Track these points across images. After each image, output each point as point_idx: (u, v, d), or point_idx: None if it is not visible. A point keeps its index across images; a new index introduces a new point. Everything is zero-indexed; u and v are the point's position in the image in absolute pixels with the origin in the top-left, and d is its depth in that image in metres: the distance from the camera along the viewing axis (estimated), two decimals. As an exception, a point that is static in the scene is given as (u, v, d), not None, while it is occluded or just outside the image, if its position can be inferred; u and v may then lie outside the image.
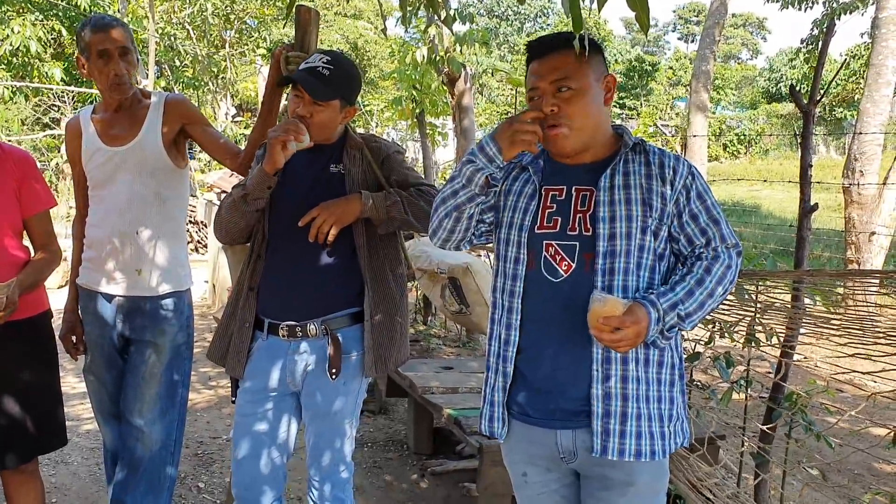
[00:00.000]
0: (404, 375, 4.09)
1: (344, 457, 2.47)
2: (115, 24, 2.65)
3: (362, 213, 2.32)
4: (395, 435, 4.59)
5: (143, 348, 2.75)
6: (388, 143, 2.58)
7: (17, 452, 2.51)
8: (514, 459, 2.04)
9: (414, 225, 2.38)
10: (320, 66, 2.32)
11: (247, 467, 2.44)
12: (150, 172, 2.73)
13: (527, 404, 1.94)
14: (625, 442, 1.82)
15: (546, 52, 1.89)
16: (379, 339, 2.42)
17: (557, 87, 1.86)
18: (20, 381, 2.51)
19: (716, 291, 1.82)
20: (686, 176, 1.87)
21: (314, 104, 2.32)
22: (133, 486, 2.76)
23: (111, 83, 2.64)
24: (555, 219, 1.91)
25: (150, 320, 2.74)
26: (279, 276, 2.41)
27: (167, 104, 2.77)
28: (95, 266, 2.74)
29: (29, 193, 2.56)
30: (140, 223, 2.71)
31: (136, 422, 2.74)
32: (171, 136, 2.77)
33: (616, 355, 1.83)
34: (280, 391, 2.43)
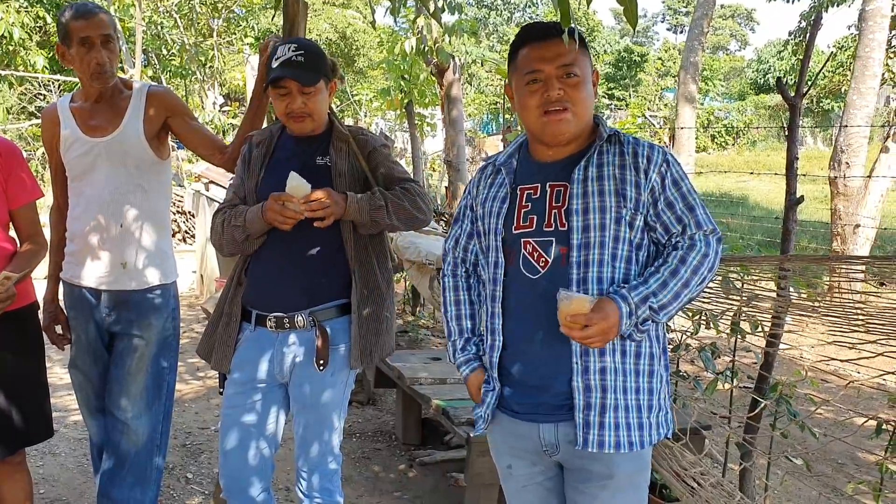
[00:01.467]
0: (392, 366, 4.10)
1: (332, 448, 2.48)
2: (98, 12, 2.62)
3: (346, 216, 2.32)
4: (384, 426, 4.61)
5: (129, 342, 2.75)
6: (374, 137, 2.58)
7: (4, 444, 2.50)
8: (499, 452, 2.07)
9: (397, 227, 2.41)
10: (294, 57, 2.33)
11: (234, 459, 2.44)
12: (133, 164, 2.71)
13: (512, 400, 1.96)
14: (604, 434, 1.83)
15: (550, 37, 1.87)
16: (365, 331, 2.43)
17: (565, 72, 1.85)
18: (6, 372, 2.49)
19: (692, 281, 1.80)
20: (661, 164, 1.86)
21: (303, 94, 2.33)
22: (120, 479, 2.77)
23: (93, 72, 2.61)
24: (531, 217, 1.91)
25: (135, 314, 2.73)
26: (267, 269, 2.42)
27: (150, 95, 2.75)
28: (78, 260, 2.72)
29: (15, 185, 2.54)
30: (123, 216, 2.69)
31: (122, 416, 2.74)
32: (155, 129, 2.74)
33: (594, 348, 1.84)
34: (268, 383, 2.43)
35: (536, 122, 1.88)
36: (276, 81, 2.33)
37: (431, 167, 13.05)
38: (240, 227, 2.36)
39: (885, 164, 8.27)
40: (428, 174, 13.25)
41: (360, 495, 3.67)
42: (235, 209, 2.41)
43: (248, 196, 2.46)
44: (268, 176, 2.43)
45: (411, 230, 2.47)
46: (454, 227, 2.18)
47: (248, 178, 2.49)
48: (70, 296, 2.79)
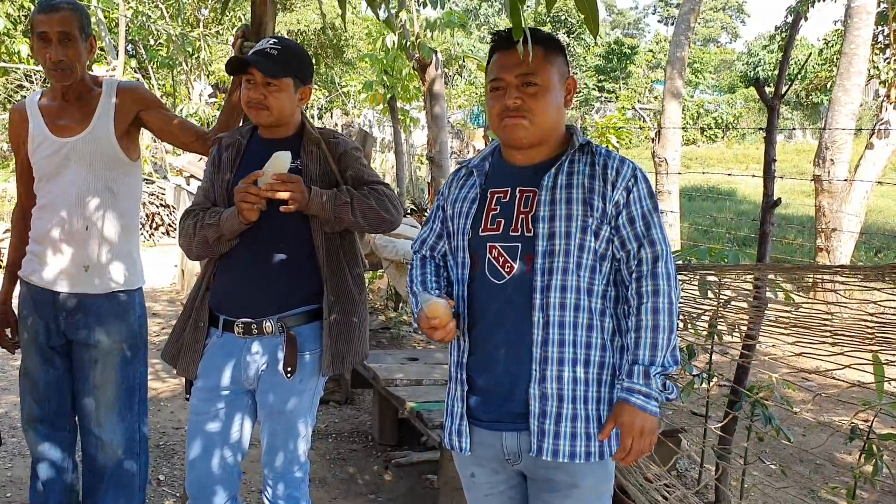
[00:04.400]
0: (368, 367, 4.07)
1: (298, 457, 2.44)
2: (63, 8, 2.55)
3: (309, 208, 2.27)
4: (361, 426, 4.57)
5: (90, 352, 2.69)
6: (346, 140, 2.54)
7: None
8: (462, 460, 2.05)
9: (363, 226, 2.36)
10: (268, 48, 2.32)
11: (200, 467, 2.41)
12: (102, 165, 2.65)
13: (475, 408, 1.95)
14: (559, 443, 1.83)
15: (514, 45, 1.85)
16: (337, 337, 2.39)
17: (523, 81, 1.87)
18: None
19: (670, 317, 1.82)
20: (629, 178, 1.87)
21: (267, 86, 2.30)
22: (102, 492, 2.76)
23: (48, 68, 2.56)
24: (498, 220, 1.92)
25: (97, 319, 2.68)
26: (236, 274, 2.38)
27: (120, 92, 2.70)
28: (41, 260, 2.67)
29: None
30: (90, 218, 2.64)
31: (95, 430, 2.72)
32: (125, 126, 2.69)
33: (553, 356, 1.84)
34: (234, 389, 2.39)
35: (497, 127, 1.93)
36: (246, 65, 2.31)
37: (419, 160, 13.00)
38: (213, 226, 2.32)
39: (870, 160, 8.26)
40: (416, 167, 13.20)
41: (333, 497, 3.65)
42: (210, 210, 2.38)
43: (219, 199, 2.42)
44: (238, 178, 2.39)
45: (379, 232, 2.42)
46: (423, 228, 2.18)
47: (217, 180, 2.45)
48: (26, 295, 2.73)
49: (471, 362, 1.94)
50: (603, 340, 1.87)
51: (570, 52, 38.93)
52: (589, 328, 1.86)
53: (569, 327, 1.84)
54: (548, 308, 1.84)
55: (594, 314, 1.86)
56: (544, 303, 1.84)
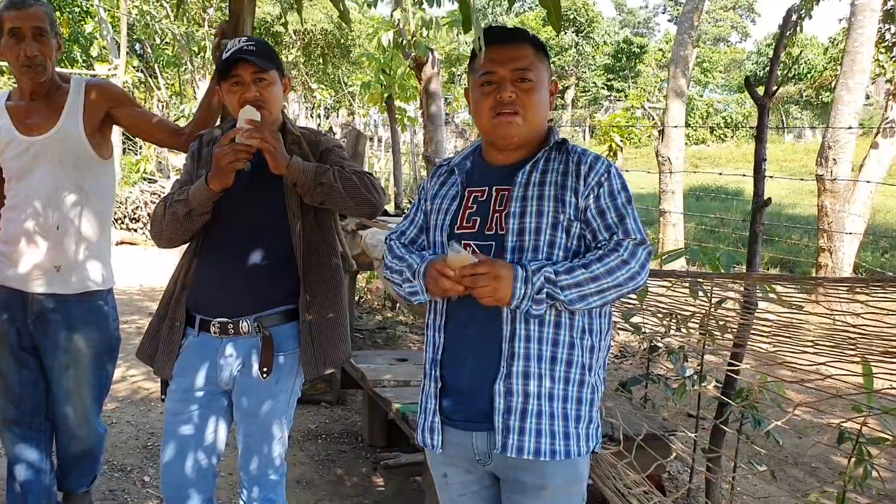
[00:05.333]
0: (357, 367, 4.04)
1: (273, 459, 2.41)
2: (34, 4, 2.55)
3: (289, 171, 2.22)
4: (352, 427, 4.54)
5: (62, 355, 2.70)
6: (328, 138, 2.52)
7: None
8: (435, 460, 2.04)
9: (343, 196, 2.25)
10: (245, 47, 2.28)
11: (174, 469, 2.38)
12: (72, 164, 2.63)
13: (448, 407, 1.93)
14: (523, 439, 1.81)
15: (509, 40, 1.88)
16: (316, 337, 2.37)
17: (519, 76, 1.86)
18: None
19: (602, 279, 1.75)
20: (601, 173, 1.86)
21: (259, 81, 2.27)
22: (74, 467, 2.94)
23: (22, 65, 2.54)
24: (474, 219, 1.92)
25: (68, 320, 2.67)
26: (213, 273, 2.35)
27: (88, 89, 2.68)
28: (12, 261, 2.65)
29: None
30: (61, 217, 2.62)
31: (69, 429, 2.80)
32: (95, 124, 2.67)
33: (520, 351, 1.81)
34: (209, 390, 2.37)
35: (488, 124, 1.89)
36: (228, 69, 2.27)
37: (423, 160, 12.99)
38: (182, 201, 2.28)
39: (875, 159, 8.18)
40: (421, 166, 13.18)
41: (319, 499, 3.62)
42: (179, 190, 2.36)
43: None
44: None
45: (361, 212, 2.36)
46: (403, 221, 2.14)
47: (196, 174, 2.42)
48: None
49: (444, 360, 1.92)
50: (571, 338, 1.84)
51: (579, 50, 38.87)
52: (557, 325, 1.83)
53: (538, 322, 1.82)
54: None
55: (563, 311, 1.83)
56: None
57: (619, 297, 1.81)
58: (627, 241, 1.78)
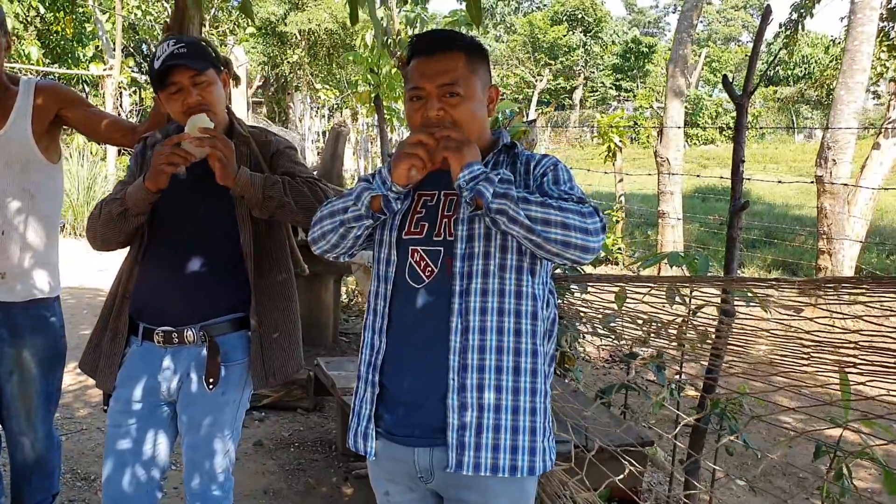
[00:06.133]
0: (328, 374, 3.95)
1: (216, 475, 2.31)
2: None
3: (237, 183, 2.12)
4: (326, 434, 4.44)
5: (7, 362, 2.62)
6: (279, 139, 2.43)
7: None
8: (376, 476, 1.95)
9: (293, 210, 2.17)
10: (175, 50, 2.15)
11: (114, 485, 2.28)
12: (19, 167, 2.55)
13: (388, 420, 1.84)
14: (480, 455, 1.72)
15: (435, 52, 1.80)
16: (266, 348, 2.28)
17: (447, 91, 1.78)
18: None
19: (552, 209, 1.62)
20: (547, 165, 1.82)
21: (196, 85, 2.16)
22: (25, 480, 2.82)
23: None
24: (422, 224, 1.84)
25: (12, 329, 2.59)
26: (156, 280, 2.26)
27: (37, 90, 2.60)
28: None
29: None
30: (7, 222, 2.54)
31: (17, 436, 2.73)
32: (44, 126, 2.59)
33: (473, 363, 1.72)
34: (150, 402, 2.27)
35: None
36: (164, 77, 2.14)
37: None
38: (117, 200, 2.19)
39: (877, 160, 8.02)
40: None
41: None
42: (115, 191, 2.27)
43: None
44: None
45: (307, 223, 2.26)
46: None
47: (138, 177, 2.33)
48: None
49: (384, 367, 1.83)
50: (534, 346, 1.77)
51: (587, 50, 38.73)
52: (517, 333, 1.75)
53: (491, 332, 1.73)
54: (467, 313, 1.74)
55: (523, 317, 1.76)
56: (463, 308, 1.74)
57: (562, 246, 1.63)
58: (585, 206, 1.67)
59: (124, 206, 2.18)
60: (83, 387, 5.01)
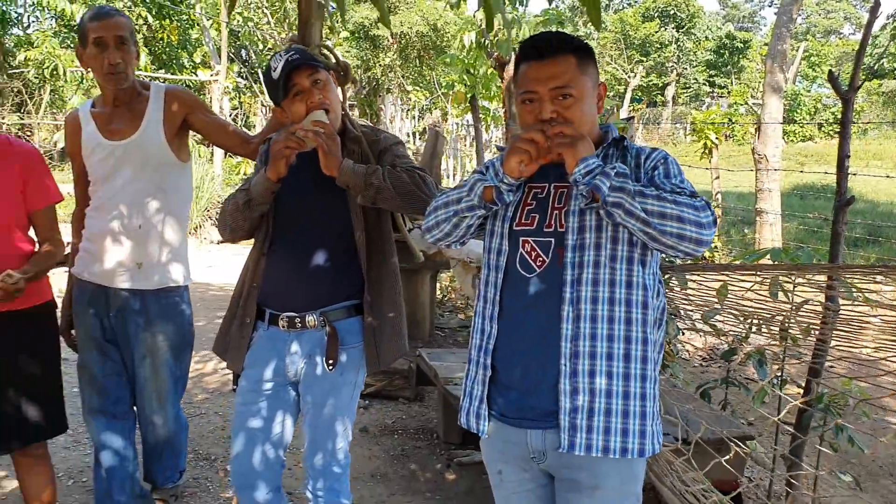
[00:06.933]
0: (430, 365, 4.09)
1: (336, 452, 2.47)
2: (115, 14, 2.70)
3: (340, 173, 2.27)
4: (428, 423, 4.59)
5: (141, 346, 2.85)
6: (388, 136, 2.57)
7: (19, 437, 2.63)
8: (490, 457, 2.05)
9: (393, 196, 2.30)
10: (289, 58, 2.31)
11: (242, 460, 2.48)
12: (153, 167, 2.78)
13: (501, 404, 1.94)
14: (591, 437, 1.80)
15: (545, 56, 1.87)
16: (377, 332, 2.44)
17: (559, 93, 1.85)
18: (21, 367, 2.60)
19: (665, 205, 1.69)
20: (657, 159, 1.87)
21: (315, 84, 2.32)
22: (156, 456, 3.10)
23: (106, 72, 2.68)
24: (533, 216, 1.92)
25: (146, 315, 2.82)
26: (281, 270, 2.44)
27: (167, 95, 2.81)
28: (94, 258, 2.81)
29: (35, 188, 2.63)
30: (141, 218, 2.77)
31: (149, 416, 2.97)
32: (174, 130, 2.81)
33: (584, 350, 1.81)
34: (277, 382, 2.46)
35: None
36: (285, 83, 2.30)
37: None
38: (243, 191, 2.40)
39: None
40: None
41: (392, 493, 3.68)
42: None
43: None
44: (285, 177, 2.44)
45: (414, 209, 2.38)
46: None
47: None
48: (80, 292, 2.88)
49: (495, 352, 1.93)
50: (644, 334, 1.84)
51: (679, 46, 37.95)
52: (628, 322, 1.83)
53: (602, 321, 1.82)
54: (578, 302, 1.82)
55: (634, 307, 1.83)
56: (574, 297, 1.83)
57: (677, 239, 1.70)
58: (698, 200, 1.74)
59: (249, 195, 2.38)
60: (200, 374, 5.32)
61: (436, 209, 2.02)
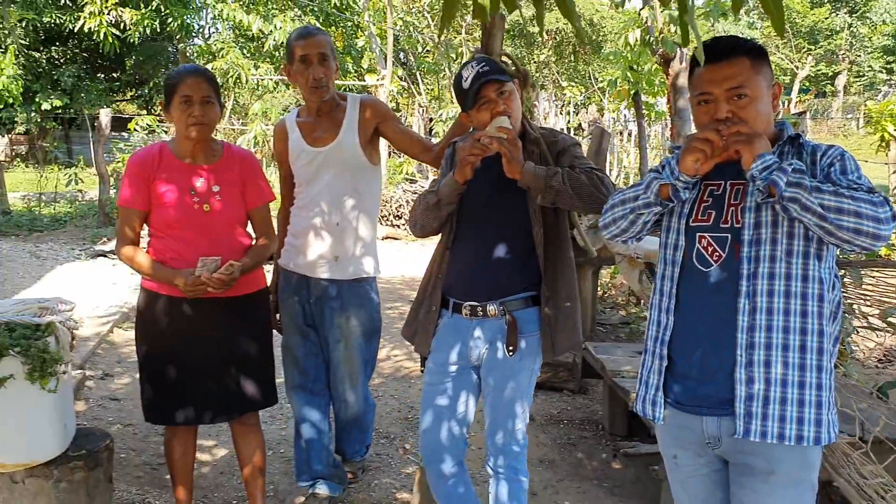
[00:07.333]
0: (597, 358, 4.20)
1: (515, 432, 2.66)
2: (317, 33, 3.02)
3: (522, 176, 2.43)
4: (592, 415, 4.71)
5: (335, 331, 3.17)
6: (565, 137, 2.71)
7: (239, 407, 2.97)
8: (665, 442, 2.17)
9: (572, 197, 2.43)
10: (480, 69, 2.48)
11: (430, 435, 2.72)
12: (350, 170, 3.09)
13: (677, 391, 2.05)
14: (767, 424, 1.89)
15: (721, 58, 1.94)
16: (553, 322, 2.60)
17: (735, 94, 1.93)
18: (239, 346, 2.93)
19: (842, 201, 1.73)
20: (833, 156, 1.91)
21: (501, 94, 2.48)
22: (346, 434, 3.45)
23: (311, 87, 3.00)
24: (709, 212, 2.01)
25: (341, 302, 3.14)
26: (464, 263, 2.65)
27: (362, 105, 3.10)
28: (298, 251, 3.16)
29: (253, 189, 2.95)
30: (339, 215, 3.09)
31: (341, 395, 3.30)
32: (367, 136, 3.10)
33: (760, 341, 1.89)
34: (461, 365, 2.68)
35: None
36: (477, 97, 2.48)
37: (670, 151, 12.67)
38: (432, 193, 2.62)
39: None
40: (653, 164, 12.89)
41: (560, 479, 3.83)
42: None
43: None
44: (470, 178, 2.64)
45: (591, 209, 2.50)
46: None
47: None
48: (285, 281, 3.25)
49: (671, 343, 2.04)
50: (820, 326, 1.90)
51: (852, 32, 35.65)
52: (803, 314, 1.89)
53: (778, 314, 1.89)
54: (754, 295, 1.91)
55: (809, 299, 1.89)
56: (750, 290, 1.91)
57: (853, 233, 1.74)
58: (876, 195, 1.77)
59: (438, 197, 2.60)
60: (374, 360, 5.67)
61: (612, 207, 2.14)
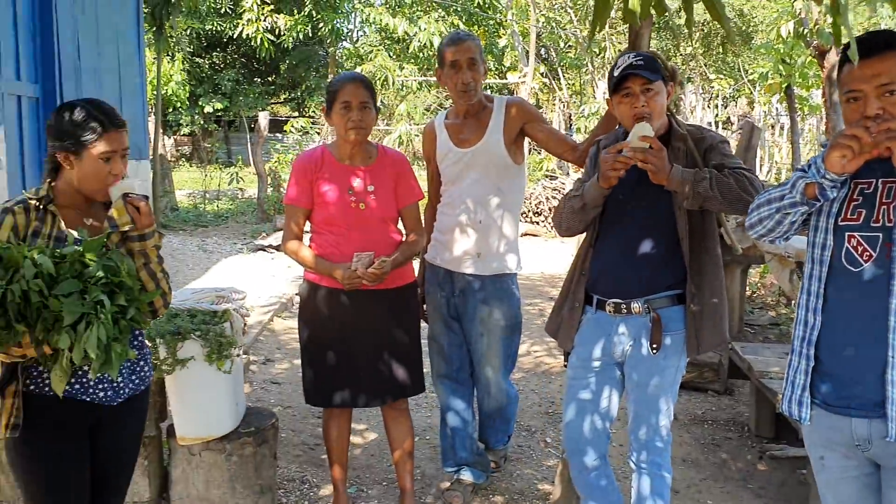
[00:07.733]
0: (744, 358, 4.13)
1: (660, 428, 2.69)
2: (466, 39, 3.14)
3: (669, 182, 2.43)
4: (738, 416, 4.62)
5: (478, 324, 3.29)
6: (713, 135, 2.69)
7: (391, 393, 3.15)
8: (812, 443, 2.13)
9: (720, 202, 2.42)
10: (633, 62, 2.50)
11: (573, 428, 2.77)
12: (495, 170, 3.20)
13: (825, 392, 2.02)
14: None
15: (872, 54, 1.89)
16: (698, 322, 2.60)
17: (885, 90, 1.88)
18: (392, 336, 3.10)
19: None
20: None
21: (646, 92, 2.49)
22: (490, 425, 3.56)
23: (459, 90, 3.14)
24: (859, 211, 1.97)
25: (482, 296, 3.26)
26: (607, 261, 2.69)
27: (507, 107, 3.21)
28: (444, 247, 3.31)
29: (404, 188, 3.11)
30: (483, 213, 3.21)
31: (485, 386, 3.42)
32: (512, 137, 3.20)
33: None
34: (604, 361, 2.71)
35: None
36: (620, 84, 2.52)
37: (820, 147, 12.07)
38: (577, 197, 2.66)
39: None
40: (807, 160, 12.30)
41: (704, 478, 3.81)
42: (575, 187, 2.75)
43: None
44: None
45: (736, 210, 2.48)
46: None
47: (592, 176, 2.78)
48: (432, 275, 3.40)
49: (819, 343, 2.01)
50: None
51: None
52: None
53: None
54: None
55: None
56: None
57: None
58: None
59: (583, 201, 2.64)
60: (515, 355, 5.78)
61: (758, 206, 2.12)
